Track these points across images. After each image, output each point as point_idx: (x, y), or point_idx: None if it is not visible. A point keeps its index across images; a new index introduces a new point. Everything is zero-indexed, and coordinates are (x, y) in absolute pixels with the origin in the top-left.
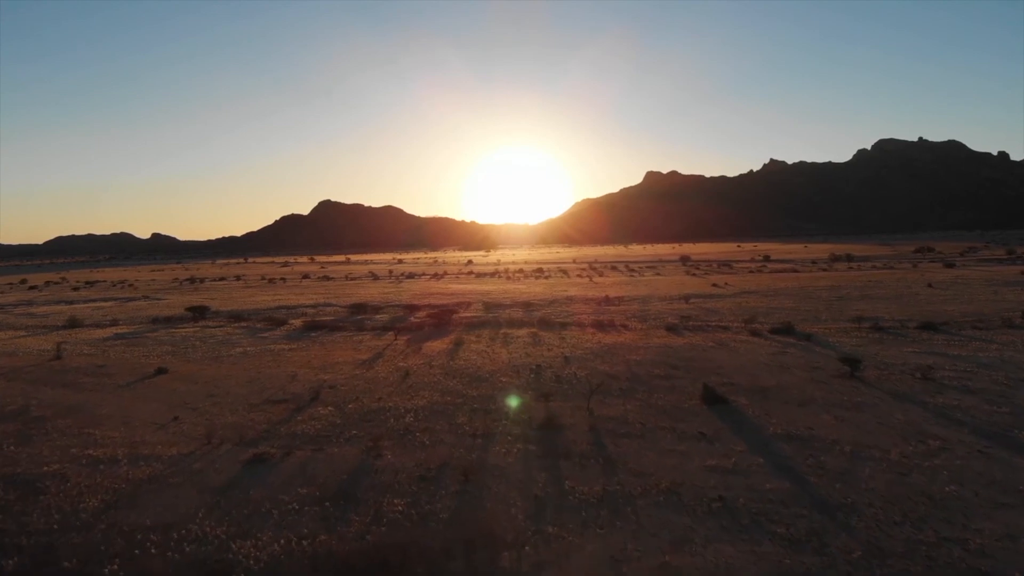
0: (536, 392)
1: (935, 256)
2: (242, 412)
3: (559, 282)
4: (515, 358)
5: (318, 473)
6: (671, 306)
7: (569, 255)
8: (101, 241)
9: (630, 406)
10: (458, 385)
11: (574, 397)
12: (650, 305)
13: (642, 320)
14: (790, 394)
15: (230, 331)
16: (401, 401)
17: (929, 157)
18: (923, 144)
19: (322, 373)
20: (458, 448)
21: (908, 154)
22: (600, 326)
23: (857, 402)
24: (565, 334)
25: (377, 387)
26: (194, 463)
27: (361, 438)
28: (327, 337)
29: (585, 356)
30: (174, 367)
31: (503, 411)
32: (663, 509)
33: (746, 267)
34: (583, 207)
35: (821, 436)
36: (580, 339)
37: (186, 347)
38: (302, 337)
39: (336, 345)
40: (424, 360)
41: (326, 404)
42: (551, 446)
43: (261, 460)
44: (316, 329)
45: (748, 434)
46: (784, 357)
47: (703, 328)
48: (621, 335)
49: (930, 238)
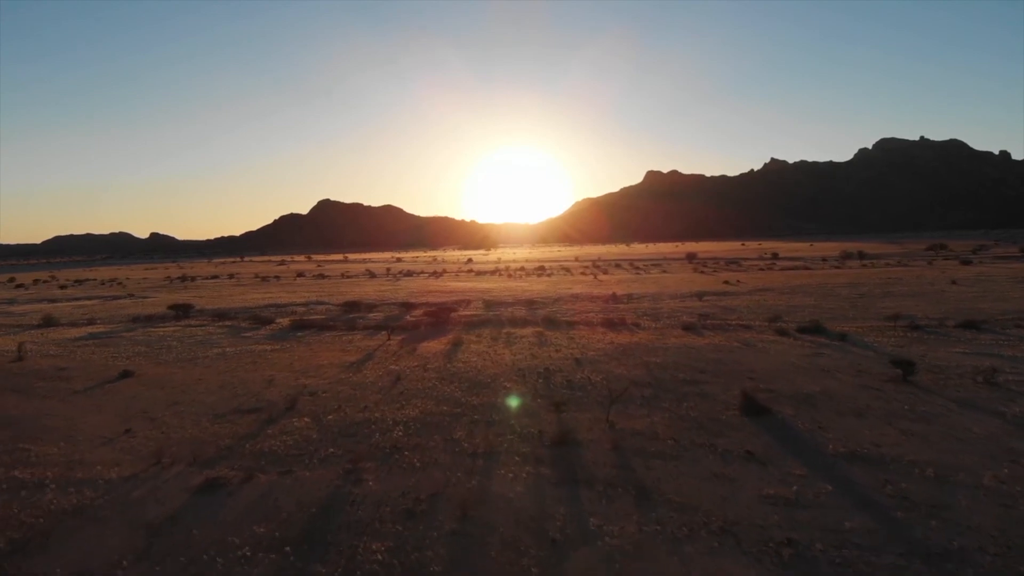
0: (546, 400)
1: (948, 254)
2: (205, 424)
3: (562, 280)
4: (520, 360)
5: (282, 505)
6: (684, 304)
7: (571, 254)
8: (99, 241)
9: (657, 418)
10: (456, 392)
11: (590, 406)
12: (661, 303)
13: (655, 319)
14: (841, 402)
15: (212, 330)
16: (390, 411)
17: (930, 156)
18: (924, 143)
19: (303, 377)
20: (455, 471)
21: (909, 153)
22: (611, 325)
23: (922, 412)
24: (573, 334)
25: (363, 394)
26: (134, 490)
27: (339, 458)
28: (314, 337)
29: (598, 358)
30: (141, 370)
31: (508, 423)
32: (720, 558)
33: (755, 265)
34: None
35: (893, 455)
36: (591, 339)
37: (160, 348)
38: (287, 337)
39: (323, 346)
40: (418, 362)
41: (303, 414)
42: (568, 469)
43: (215, 487)
44: (303, 328)
45: (804, 453)
46: (821, 359)
47: (724, 327)
48: (635, 335)
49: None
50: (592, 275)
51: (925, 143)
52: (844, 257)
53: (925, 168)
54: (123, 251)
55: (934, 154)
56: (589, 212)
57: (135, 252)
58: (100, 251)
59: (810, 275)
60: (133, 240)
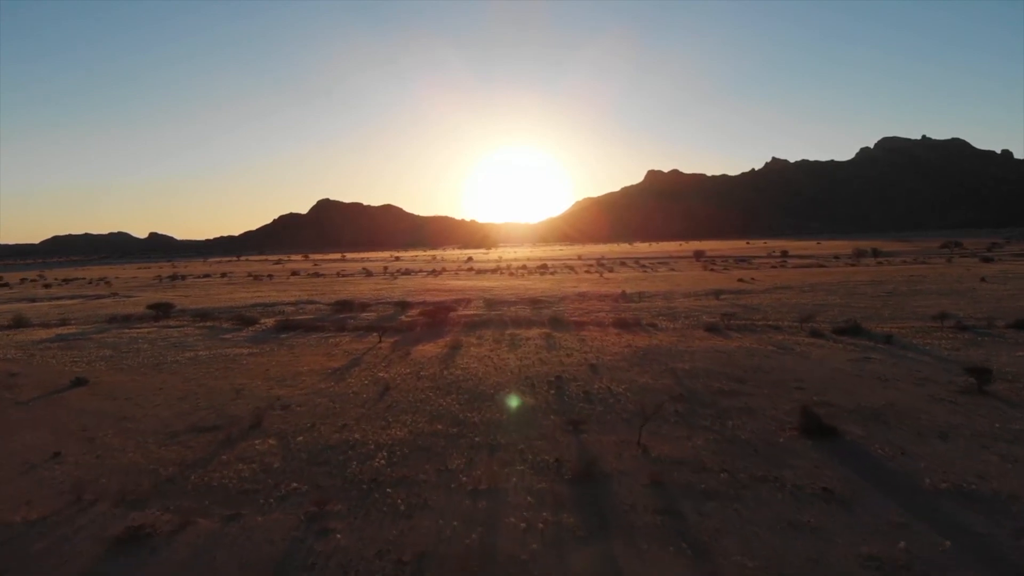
0: (561, 417)
1: (965, 251)
2: (151, 446)
3: (567, 278)
4: (527, 366)
5: (220, 567)
6: (700, 302)
7: (573, 252)
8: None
9: (699, 440)
10: (453, 405)
11: (616, 425)
12: (676, 301)
13: (672, 318)
14: (915, 420)
15: (189, 332)
16: (372, 431)
17: (932, 155)
18: (926, 142)
19: (277, 387)
20: (450, 519)
21: (912, 152)
22: (624, 325)
23: (1018, 432)
24: (584, 335)
25: (344, 408)
26: (36, 541)
27: (302, 496)
28: (298, 339)
29: (617, 364)
30: (98, 377)
31: (517, 448)
32: None
33: (765, 263)
34: (584, 206)
35: (1009, 492)
36: (604, 341)
37: (128, 351)
38: (269, 339)
39: (306, 349)
40: (411, 369)
41: (268, 434)
42: (597, 515)
43: (137, 539)
44: (288, 329)
45: (896, 490)
46: (871, 365)
47: (751, 328)
48: (654, 336)
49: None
50: (597, 273)
51: (927, 142)
52: (858, 255)
53: (927, 167)
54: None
55: (936, 153)
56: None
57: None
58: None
59: (827, 273)
60: (132, 240)
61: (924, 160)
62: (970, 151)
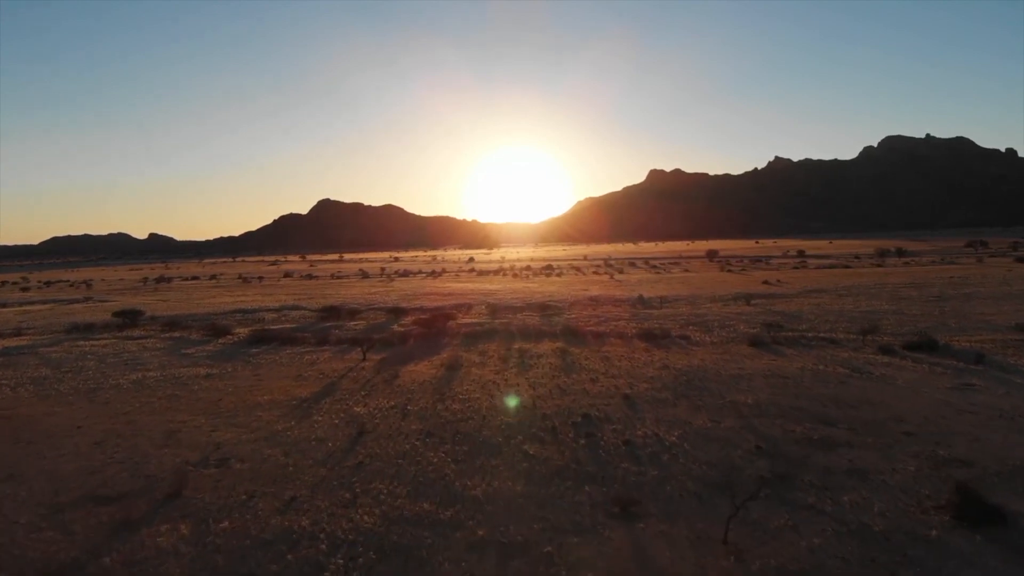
0: (600, 487)
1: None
2: (18, 528)
3: (575, 280)
4: (543, 397)
5: None
6: (731, 308)
7: (578, 252)
8: (98, 241)
9: (812, 534)
10: (447, 466)
11: (681, 502)
12: (702, 307)
13: (705, 328)
14: None
15: (151, 344)
16: (330, 512)
17: (937, 154)
18: (930, 141)
19: (224, 427)
20: None
21: (915, 151)
22: (652, 338)
23: None
24: (608, 352)
25: (299, 466)
26: None
27: None
28: (269, 355)
29: (657, 394)
30: (16, 407)
31: (541, 553)
32: None
33: (783, 263)
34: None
35: None
36: (633, 360)
37: (68, 370)
38: (236, 355)
39: (275, 369)
40: (396, 400)
41: (185, 513)
42: None
43: None
44: (262, 342)
45: None
46: (979, 395)
47: (802, 342)
48: (691, 353)
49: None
50: (608, 274)
51: (931, 141)
52: (880, 255)
53: (931, 166)
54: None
55: (940, 152)
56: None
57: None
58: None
59: (856, 274)
60: (131, 241)
61: (928, 159)
62: (974, 150)
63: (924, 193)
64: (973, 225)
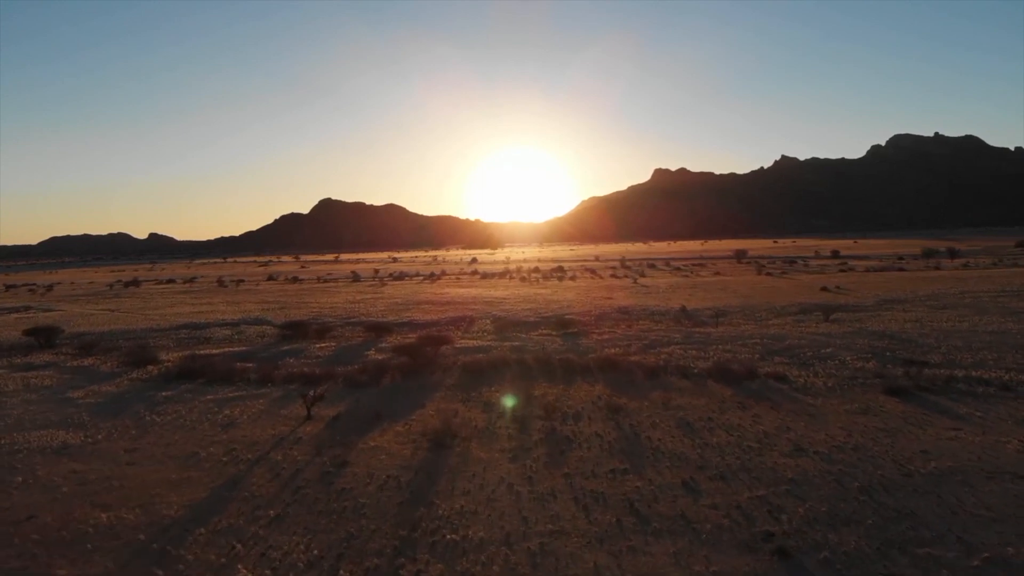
0: None
1: None
2: None
3: (592, 285)
4: (608, 539)
5: None
6: (808, 327)
7: (586, 252)
8: (97, 241)
9: None
10: None
11: None
12: (769, 324)
13: (799, 362)
14: None
15: (38, 380)
16: None
17: (945, 152)
18: (939, 139)
19: None
20: None
21: (924, 149)
22: (733, 378)
23: None
24: (680, 404)
25: None
26: None
27: None
28: (179, 406)
29: (837, 540)
30: None
31: None
32: None
33: (823, 265)
34: (590, 205)
35: None
36: (731, 428)
37: None
38: (132, 404)
39: (170, 436)
40: (325, 543)
41: None
42: None
43: None
44: (186, 378)
45: None
46: None
47: (965, 387)
48: (813, 413)
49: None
50: (627, 278)
51: (940, 139)
52: (927, 255)
53: (940, 164)
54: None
55: (949, 150)
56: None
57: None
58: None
59: (923, 279)
60: (131, 241)
61: (937, 157)
62: (984, 148)
63: (934, 192)
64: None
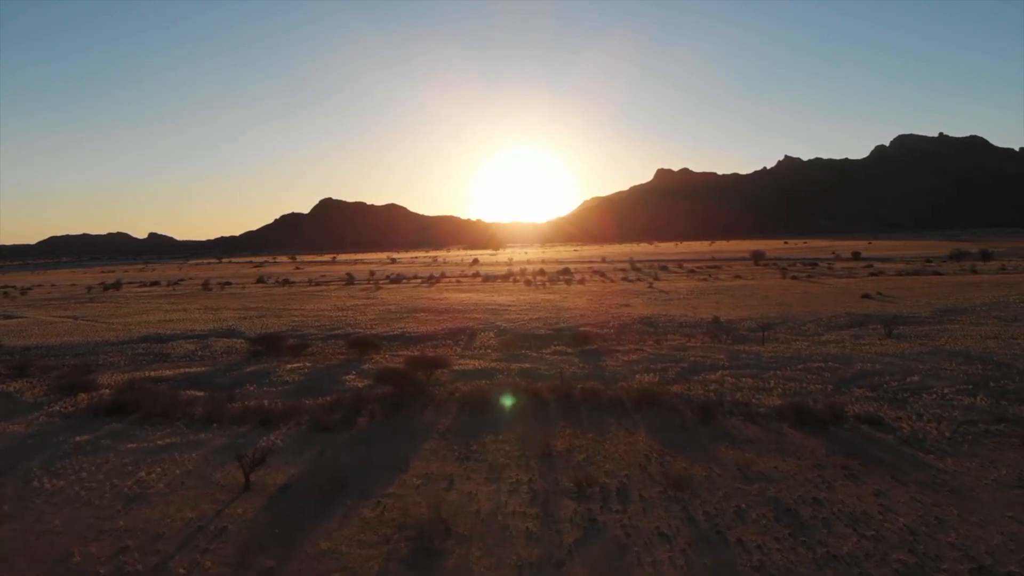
0: None
1: None
2: None
3: (604, 289)
4: None
5: None
6: (871, 345)
7: (591, 253)
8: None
9: None
10: None
11: None
12: (825, 342)
13: (889, 397)
14: None
15: None
16: None
17: (950, 152)
18: (944, 139)
19: None
20: None
21: (928, 150)
22: (815, 423)
23: None
24: (760, 471)
25: None
26: None
27: None
28: (91, 460)
29: None
30: None
31: None
32: None
33: (847, 267)
34: (592, 205)
35: None
36: (907, 544)
37: None
38: (36, 452)
39: (57, 513)
40: None
41: None
42: None
43: None
44: (117, 413)
45: None
46: None
47: None
48: (958, 492)
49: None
50: (641, 282)
51: (944, 139)
52: (957, 258)
53: (945, 165)
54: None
55: (954, 150)
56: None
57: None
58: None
59: (972, 285)
60: (131, 240)
61: (941, 158)
62: (989, 148)
63: (938, 192)
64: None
